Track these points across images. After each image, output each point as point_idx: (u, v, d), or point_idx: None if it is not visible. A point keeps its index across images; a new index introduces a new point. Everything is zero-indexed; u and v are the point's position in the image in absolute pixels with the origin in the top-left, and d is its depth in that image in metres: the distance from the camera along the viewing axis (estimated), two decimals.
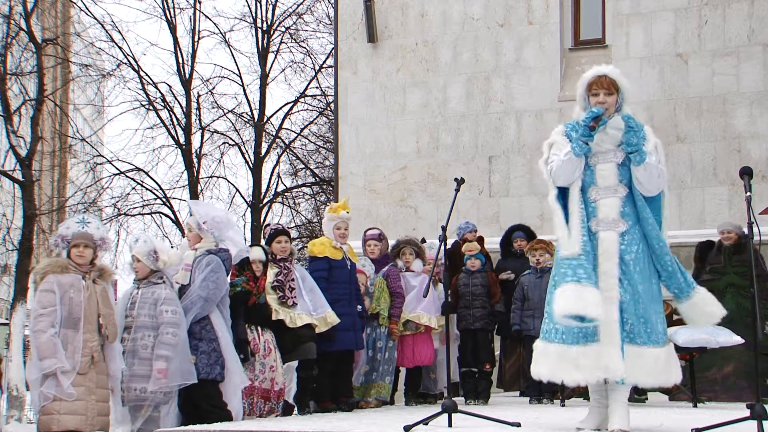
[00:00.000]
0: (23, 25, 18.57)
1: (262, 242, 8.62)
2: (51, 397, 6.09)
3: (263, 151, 22.32)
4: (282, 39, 22.45)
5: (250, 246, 7.85)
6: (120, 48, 21.06)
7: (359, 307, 8.24)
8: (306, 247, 13.38)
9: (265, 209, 22.51)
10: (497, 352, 9.59)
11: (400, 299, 8.61)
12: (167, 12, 21.56)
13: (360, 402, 8.42)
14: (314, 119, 23.31)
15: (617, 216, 5.09)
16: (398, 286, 8.65)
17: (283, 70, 22.87)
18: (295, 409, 8.09)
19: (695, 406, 8.16)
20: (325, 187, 22.74)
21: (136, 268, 6.86)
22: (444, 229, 6.01)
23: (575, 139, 5.11)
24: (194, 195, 21.18)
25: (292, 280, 7.78)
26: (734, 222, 9.90)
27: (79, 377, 6.12)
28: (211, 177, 22.36)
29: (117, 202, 21.35)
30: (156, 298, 6.74)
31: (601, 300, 4.89)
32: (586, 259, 4.99)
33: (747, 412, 4.89)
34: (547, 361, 5.08)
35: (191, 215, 7.45)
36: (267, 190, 22.56)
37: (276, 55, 22.50)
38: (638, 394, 8.64)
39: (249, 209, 21.76)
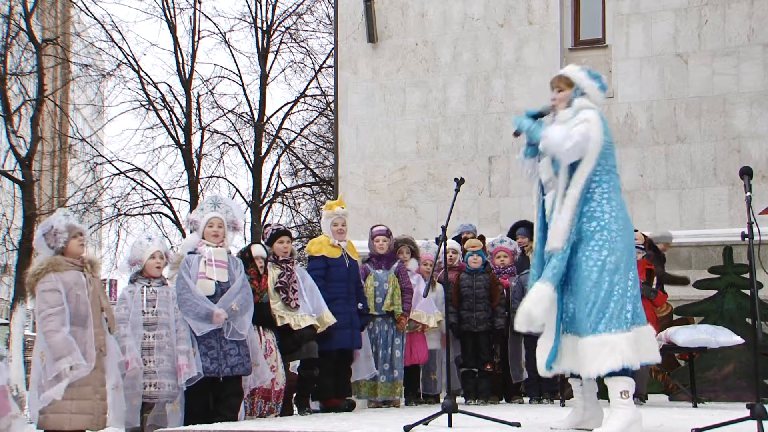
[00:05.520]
0: (23, 25, 18.58)
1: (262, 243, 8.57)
2: (55, 399, 6.05)
3: (263, 151, 22.33)
4: (282, 39, 22.48)
5: (251, 243, 7.83)
6: (120, 48, 21.10)
7: (360, 305, 8.21)
8: (305, 247, 13.36)
9: (265, 209, 22.52)
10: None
11: (410, 294, 8.61)
12: (167, 12, 21.59)
13: (392, 402, 8.46)
14: (314, 119, 23.33)
15: (551, 211, 5.22)
16: (408, 282, 8.66)
17: (283, 70, 22.93)
18: (295, 408, 8.09)
19: (695, 406, 8.15)
20: (325, 187, 22.73)
21: (160, 266, 6.89)
22: (444, 229, 6.01)
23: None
24: (194, 195, 21.19)
25: (295, 281, 7.76)
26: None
27: (87, 375, 6.07)
28: (211, 177, 22.39)
29: (117, 202, 21.37)
30: (172, 297, 6.85)
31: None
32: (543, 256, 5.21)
33: (747, 412, 4.89)
34: None
35: (226, 212, 7.20)
36: (267, 190, 22.58)
37: (276, 55, 22.54)
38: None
39: (249, 209, 21.75)
